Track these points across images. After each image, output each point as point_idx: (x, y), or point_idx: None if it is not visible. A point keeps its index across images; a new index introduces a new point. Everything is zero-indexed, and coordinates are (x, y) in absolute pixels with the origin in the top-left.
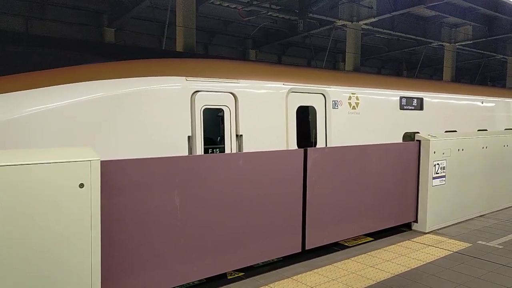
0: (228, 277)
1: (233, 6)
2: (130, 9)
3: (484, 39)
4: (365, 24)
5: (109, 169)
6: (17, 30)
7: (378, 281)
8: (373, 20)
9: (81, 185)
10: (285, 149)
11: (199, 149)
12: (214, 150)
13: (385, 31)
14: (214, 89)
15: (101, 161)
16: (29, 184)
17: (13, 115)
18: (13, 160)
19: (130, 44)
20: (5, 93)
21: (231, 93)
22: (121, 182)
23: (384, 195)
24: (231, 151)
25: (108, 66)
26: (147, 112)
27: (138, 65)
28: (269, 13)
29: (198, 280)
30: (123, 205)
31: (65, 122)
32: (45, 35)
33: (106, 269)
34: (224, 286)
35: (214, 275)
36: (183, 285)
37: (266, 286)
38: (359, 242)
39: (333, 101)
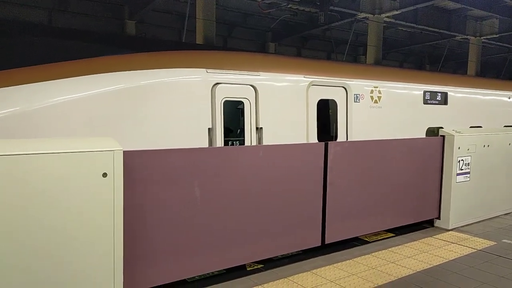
0: (248, 269)
1: None
2: (151, 1)
3: (511, 33)
4: (388, 17)
5: (131, 159)
6: (41, 22)
7: (399, 277)
8: (395, 12)
9: (104, 175)
10: (305, 142)
11: (219, 141)
12: (234, 142)
13: (408, 24)
14: (235, 82)
15: (124, 151)
16: (53, 173)
17: (38, 105)
18: (37, 149)
19: (150, 36)
20: (29, 83)
21: (251, 85)
22: (143, 172)
23: (406, 191)
24: (251, 143)
25: (129, 58)
26: (168, 103)
27: (158, 57)
28: (289, 6)
29: (217, 271)
30: (145, 195)
31: (87, 113)
32: (68, 27)
33: (127, 257)
34: (243, 278)
35: (233, 266)
36: (202, 275)
37: (285, 279)
38: (380, 238)
39: (354, 94)
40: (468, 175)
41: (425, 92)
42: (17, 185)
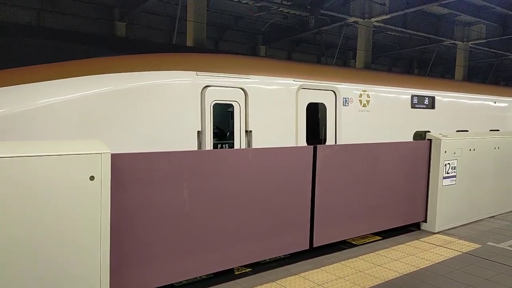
0: (236, 273)
1: (244, 2)
2: (141, 3)
3: (497, 38)
4: (377, 21)
5: (119, 162)
6: (30, 23)
7: (386, 280)
8: (385, 17)
9: (92, 178)
10: (294, 145)
11: (208, 144)
12: (223, 145)
13: (397, 28)
14: (224, 84)
15: (112, 154)
16: (40, 176)
17: (25, 107)
18: (23, 151)
19: (140, 38)
20: (16, 85)
21: (241, 88)
22: (131, 175)
23: (393, 194)
24: (240, 146)
25: (119, 60)
26: (157, 106)
27: (148, 59)
28: (280, 9)
29: (205, 275)
30: (132, 198)
31: (75, 115)
32: (57, 28)
33: (114, 261)
34: (231, 282)
35: (221, 270)
36: (190, 279)
37: (273, 283)
38: (367, 241)
39: (343, 98)
40: (454, 179)
41: (412, 96)
42: (7, 186)
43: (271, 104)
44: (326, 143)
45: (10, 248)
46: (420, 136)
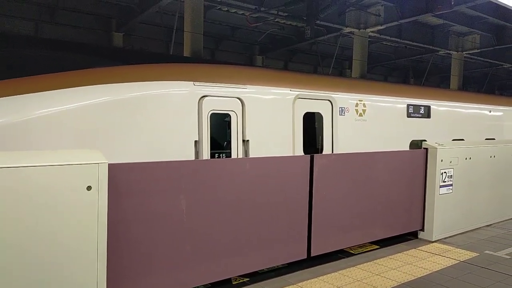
0: (233, 283)
1: (240, 13)
2: (139, 14)
3: (491, 48)
4: (372, 31)
5: (116, 172)
6: (28, 34)
7: None
8: (380, 27)
9: (89, 188)
10: (291, 155)
11: (206, 153)
12: (221, 155)
13: (392, 38)
14: (222, 94)
15: (109, 164)
16: (37, 186)
17: (23, 117)
18: (20, 162)
19: (138, 48)
20: (16, 95)
21: (238, 98)
22: (128, 186)
23: (391, 203)
24: (237, 156)
25: (116, 70)
26: (155, 116)
27: (146, 69)
28: (276, 20)
29: (203, 285)
30: (129, 208)
31: (73, 125)
32: (55, 39)
33: (110, 272)
34: None
35: (219, 280)
36: None
37: None
38: (365, 250)
39: (340, 107)
40: (451, 187)
41: (408, 105)
42: (5, 195)
43: (268, 113)
44: (323, 152)
45: (8, 256)
46: (416, 145)
